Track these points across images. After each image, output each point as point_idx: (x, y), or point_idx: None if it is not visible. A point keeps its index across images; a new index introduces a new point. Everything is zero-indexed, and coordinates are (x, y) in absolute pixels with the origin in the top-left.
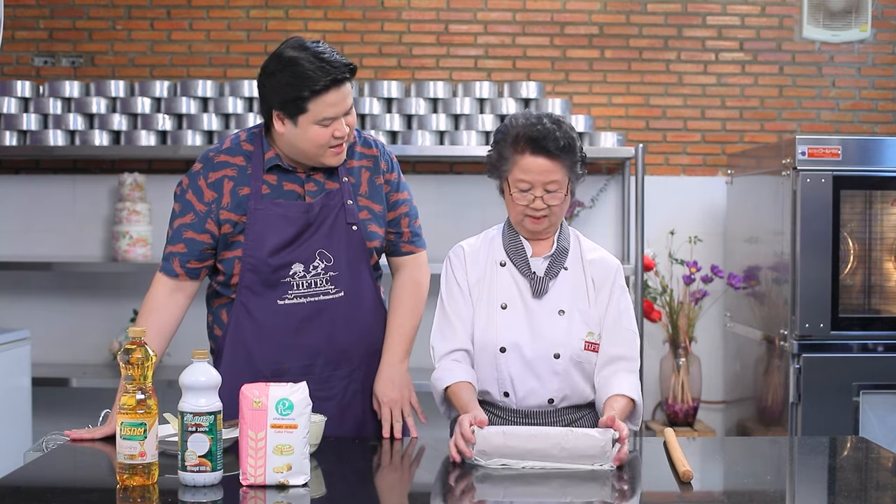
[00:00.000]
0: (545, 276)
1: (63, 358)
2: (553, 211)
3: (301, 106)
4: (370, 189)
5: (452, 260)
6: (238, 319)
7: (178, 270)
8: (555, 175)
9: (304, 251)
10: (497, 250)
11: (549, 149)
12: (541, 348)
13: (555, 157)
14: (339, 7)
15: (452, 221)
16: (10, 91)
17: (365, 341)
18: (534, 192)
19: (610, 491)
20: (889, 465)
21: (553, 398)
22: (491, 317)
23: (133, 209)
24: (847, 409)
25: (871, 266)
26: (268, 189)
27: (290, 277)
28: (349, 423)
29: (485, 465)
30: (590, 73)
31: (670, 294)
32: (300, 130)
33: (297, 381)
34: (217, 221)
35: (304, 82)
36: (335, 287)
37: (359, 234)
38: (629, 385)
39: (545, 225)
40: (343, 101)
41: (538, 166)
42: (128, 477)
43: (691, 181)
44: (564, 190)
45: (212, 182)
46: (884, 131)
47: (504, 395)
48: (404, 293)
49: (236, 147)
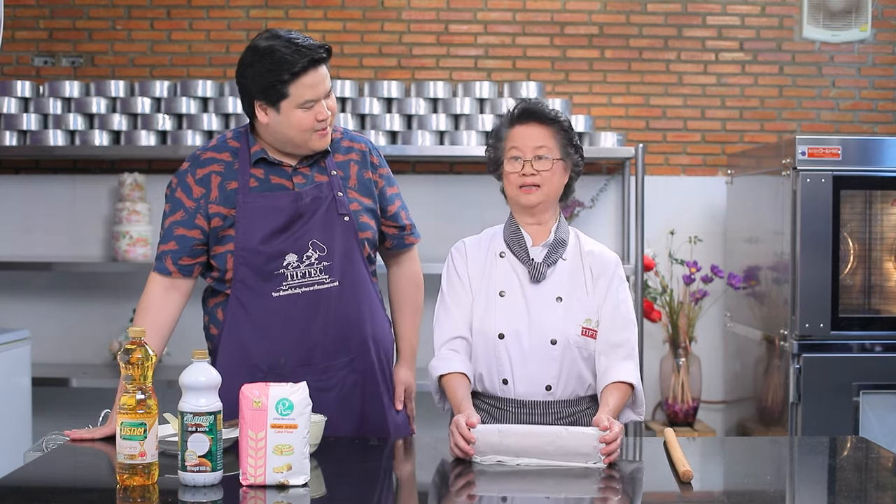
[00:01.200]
0: (543, 262)
1: (63, 358)
2: (544, 179)
3: (282, 91)
4: (359, 182)
5: (454, 254)
6: (234, 314)
7: (170, 268)
8: (544, 141)
9: (296, 242)
10: (497, 243)
11: (537, 115)
12: (538, 334)
13: (544, 123)
14: (339, 7)
15: (452, 221)
16: (10, 91)
17: (361, 331)
18: (524, 159)
19: (604, 488)
20: (889, 465)
21: (551, 385)
22: (490, 305)
23: (133, 209)
24: (847, 409)
25: (871, 266)
26: (255, 182)
27: (283, 269)
28: (349, 415)
29: (480, 462)
30: (590, 73)
31: (670, 294)
32: (283, 117)
33: (295, 372)
34: (206, 216)
35: (283, 66)
36: (329, 277)
37: (351, 225)
38: (627, 371)
39: (538, 197)
40: (322, 82)
41: (528, 132)
42: (128, 477)
43: (691, 181)
44: (555, 156)
45: (199, 178)
46: (884, 131)
47: (503, 382)
48: (410, 288)
49: (222, 144)
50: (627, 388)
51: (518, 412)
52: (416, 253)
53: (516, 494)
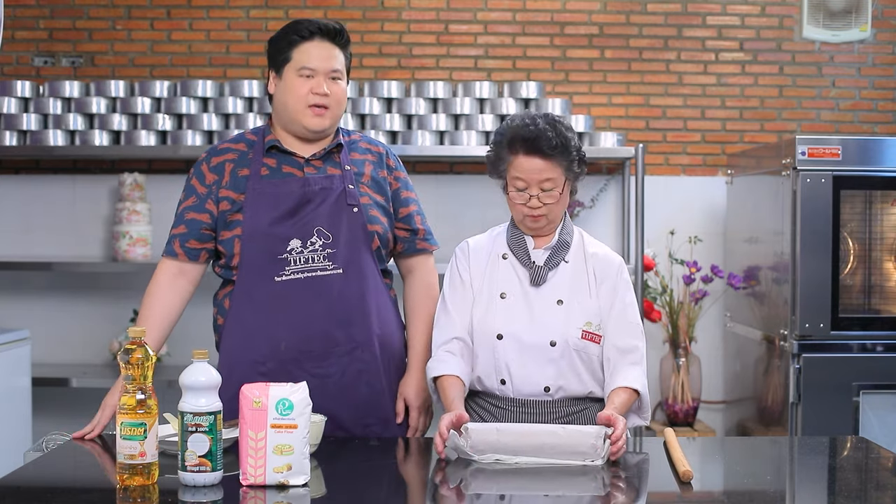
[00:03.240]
0: (544, 265)
1: (63, 358)
2: (550, 209)
3: (287, 54)
4: (372, 180)
5: (457, 254)
6: (238, 301)
7: (177, 250)
8: (549, 174)
9: (302, 227)
10: (500, 244)
11: (542, 149)
12: (537, 336)
13: (548, 156)
14: (339, 7)
15: (452, 221)
16: (10, 91)
17: (365, 321)
18: (530, 191)
19: (603, 486)
20: (889, 465)
21: (549, 386)
22: (490, 306)
23: (133, 209)
24: (847, 409)
25: (871, 266)
26: (266, 171)
27: (287, 253)
28: (349, 405)
29: (478, 461)
30: (590, 73)
31: (670, 294)
32: (285, 83)
33: (295, 358)
34: (216, 200)
35: (294, 30)
36: (333, 263)
37: (360, 217)
38: (634, 377)
39: (543, 223)
40: (328, 59)
41: (532, 166)
42: (128, 477)
43: (691, 181)
44: (560, 188)
45: (213, 166)
46: (884, 131)
47: (501, 382)
48: (421, 298)
49: (240, 137)
50: (633, 394)
51: (516, 411)
52: (431, 263)
53: (514, 493)
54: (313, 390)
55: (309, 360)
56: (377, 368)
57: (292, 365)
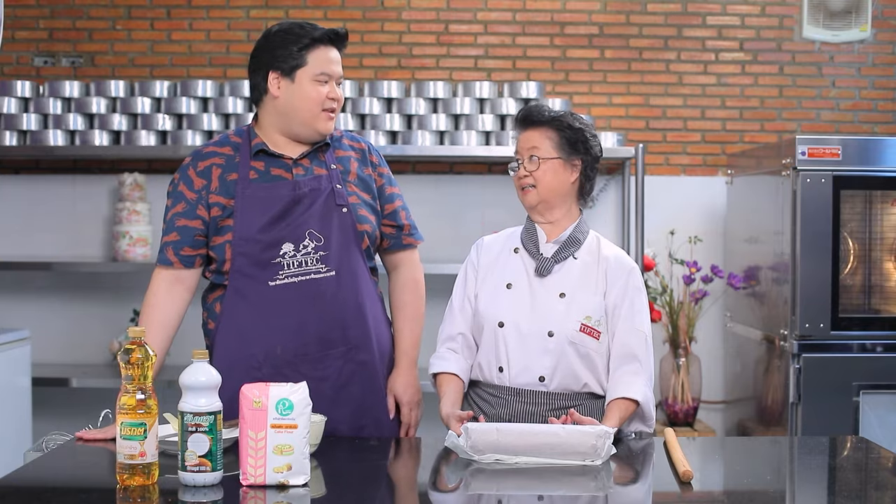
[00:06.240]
0: (551, 258)
1: (63, 358)
2: (537, 178)
3: (299, 57)
4: (359, 178)
5: (471, 250)
6: (231, 305)
7: (172, 258)
8: (535, 143)
9: (293, 231)
10: (514, 240)
11: (531, 119)
12: (536, 325)
13: (537, 125)
14: (339, 7)
15: (452, 222)
16: (10, 91)
17: (360, 322)
18: (520, 161)
19: (603, 486)
20: (889, 465)
21: (544, 376)
22: (496, 295)
23: (133, 209)
24: (847, 409)
25: (871, 266)
26: (255, 174)
27: (280, 258)
28: (346, 406)
29: (478, 460)
30: (590, 73)
31: (670, 294)
32: (297, 87)
33: (291, 361)
34: (207, 206)
35: (303, 33)
36: (326, 266)
37: (349, 217)
38: (637, 388)
39: (535, 197)
40: (338, 64)
41: (525, 136)
42: (128, 477)
43: (691, 181)
44: (546, 155)
45: (200, 171)
46: (884, 131)
47: (499, 370)
48: (407, 294)
49: (224, 140)
50: (629, 405)
51: (512, 400)
52: (416, 258)
53: (514, 493)
54: (310, 392)
55: (305, 363)
56: (374, 368)
57: (288, 369)
